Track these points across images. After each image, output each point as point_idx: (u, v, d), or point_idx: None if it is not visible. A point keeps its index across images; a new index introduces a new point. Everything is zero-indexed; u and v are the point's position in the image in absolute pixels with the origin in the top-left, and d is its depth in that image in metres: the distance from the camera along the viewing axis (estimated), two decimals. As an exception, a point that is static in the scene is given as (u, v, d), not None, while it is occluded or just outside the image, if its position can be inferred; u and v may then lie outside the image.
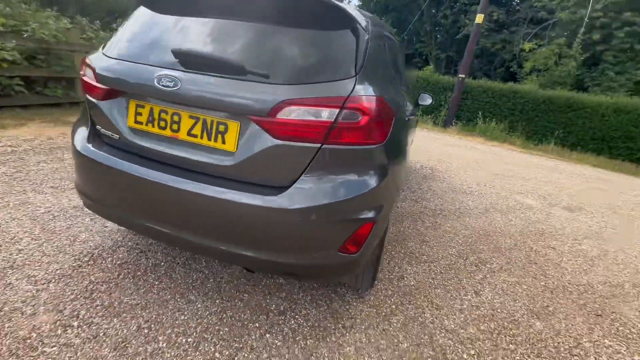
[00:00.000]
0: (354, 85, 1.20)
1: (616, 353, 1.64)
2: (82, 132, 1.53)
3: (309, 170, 1.19)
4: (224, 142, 1.24)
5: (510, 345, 1.60)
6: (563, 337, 1.70)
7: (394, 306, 1.73)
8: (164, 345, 1.32)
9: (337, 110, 1.15)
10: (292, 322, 1.53)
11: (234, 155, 1.23)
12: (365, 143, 1.23)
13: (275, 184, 1.23)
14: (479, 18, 9.32)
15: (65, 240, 1.86)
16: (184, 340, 1.35)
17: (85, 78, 1.47)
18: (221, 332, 1.41)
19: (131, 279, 1.64)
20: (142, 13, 1.50)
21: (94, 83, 1.41)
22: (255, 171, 1.23)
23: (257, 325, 1.48)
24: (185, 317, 1.46)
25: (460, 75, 9.89)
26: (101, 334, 1.32)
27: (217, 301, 1.58)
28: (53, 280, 1.56)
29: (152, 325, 1.39)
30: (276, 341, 1.41)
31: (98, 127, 1.47)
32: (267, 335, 1.43)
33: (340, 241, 1.25)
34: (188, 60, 1.26)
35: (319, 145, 1.17)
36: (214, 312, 1.51)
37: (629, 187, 5.51)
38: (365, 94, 1.21)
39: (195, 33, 1.36)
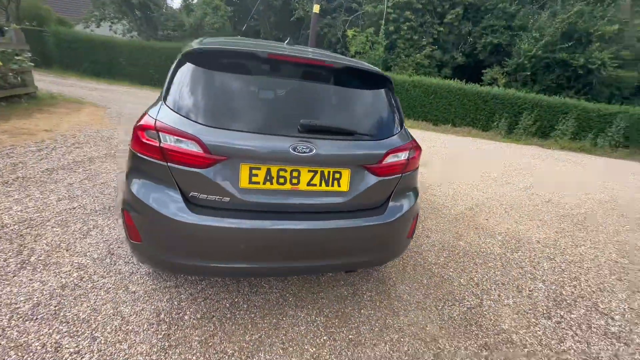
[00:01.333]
0: (406, 132, 1.85)
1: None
2: (170, 199, 1.48)
3: (394, 192, 1.79)
4: (339, 186, 1.64)
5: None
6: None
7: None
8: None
9: (408, 151, 1.78)
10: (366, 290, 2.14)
11: (347, 193, 1.66)
12: (416, 168, 1.91)
13: (374, 206, 1.76)
14: (316, 8, 10.66)
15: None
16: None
17: (174, 147, 1.43)
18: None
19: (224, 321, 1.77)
20: (220, 77, 1.55)
21: (200, 153, 1.42)
22: (362, 202, 1.72)
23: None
24: (301, 327, 1.81)
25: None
26: None
27: (308, 306, 1.96)
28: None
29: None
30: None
31: (195, 193, 1.49)
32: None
33: (409, 231, 1.94)
34: (312, 129, 1.53)
35: (400, 175, 1.77)
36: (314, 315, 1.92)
37: (434, 139, 8.35)
38: (413, 137, 1.88)
39: (289, 99, 1.59)
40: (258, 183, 1.53)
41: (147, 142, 1.48)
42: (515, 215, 3.79)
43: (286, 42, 1.95)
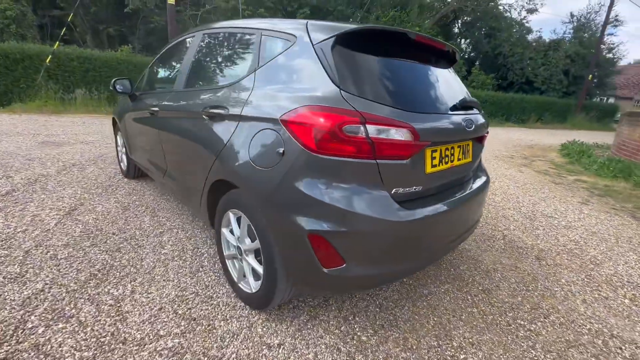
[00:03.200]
0: None
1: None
2: (382, 201, 1.26)
3: (480, 159, 2.08)
4: (468, 157, 1.78)
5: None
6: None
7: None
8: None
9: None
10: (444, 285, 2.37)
11: (472, 162, 1.83)
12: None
13: (478, 172, 2.00)
14: (171, -1, 9.36)
15: None
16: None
17: (386, 138, 1.22)
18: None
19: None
20: (375, 59, 1.37)
21: (411, 142, 1.27)
22: (476, 169, 1.93)
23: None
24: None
25: (173, 57, 9.79)
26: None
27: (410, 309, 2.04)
28: None
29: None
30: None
31: (397, 188, 1.32)
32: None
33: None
34: (464, 105, 1.59)
35: (484, 144, 2.07)
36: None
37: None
38: None
39: (433, 79, 1.59)
40: (436, 166, 1.49)
41: (349, 138, 1.20)
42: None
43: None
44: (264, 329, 1.54)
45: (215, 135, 1.64)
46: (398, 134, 1.25)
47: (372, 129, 1.21)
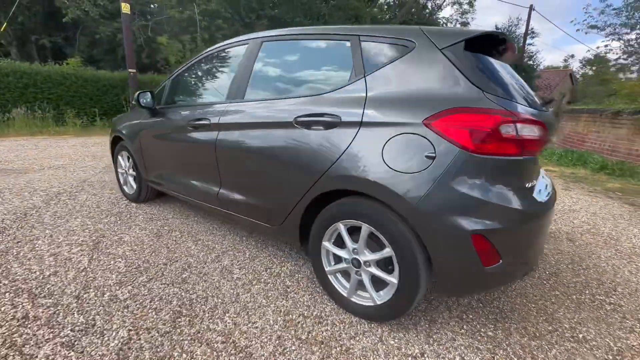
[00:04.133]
0: None
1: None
2: (524, 194, 1.32)
3: None
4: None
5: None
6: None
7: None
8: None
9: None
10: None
11: None
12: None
13: None
14: (125, 7, 8.67)
15: None
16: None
17: (530, 136, 1.28)
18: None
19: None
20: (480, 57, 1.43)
21: (543, 137, 1.34)
22: None
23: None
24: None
25: (130, 70, 9.04)
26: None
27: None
28: None
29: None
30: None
31: (529, 182, 1.39)
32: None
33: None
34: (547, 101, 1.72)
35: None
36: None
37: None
38: None
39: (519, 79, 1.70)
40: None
41: (504, 137, 1.23)
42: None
43: None
44: (395, 340, 1.49)
45: (321, 144, 1.56)
46: (536, 131, 1.33)
47: (520, 127, 1.26)
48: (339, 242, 1.66)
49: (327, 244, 1.67)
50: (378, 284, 1.55)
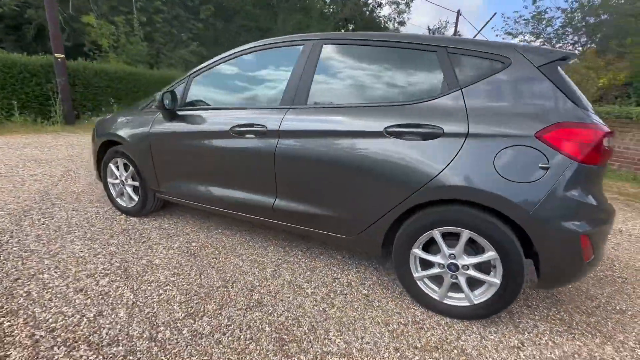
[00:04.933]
0: None
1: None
2: (604, 196, 1.55)
3: None
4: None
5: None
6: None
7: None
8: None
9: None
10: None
11: None
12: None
13: None
14: (47, -21, 7.23)
15: None
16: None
17: (609, 146, 1.48)
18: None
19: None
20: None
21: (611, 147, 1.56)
22: None
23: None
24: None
25: (57, 55, 7.63)
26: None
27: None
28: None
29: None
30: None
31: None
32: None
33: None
34: None
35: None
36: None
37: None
38: None
39: None
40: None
41: (604, 148, 1.42)
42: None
43: None
44: (493, 334, 1.62)
45: (420, 155, 1.58)
46: (611, 141, 1.55)
47: (610, 139, 1.47)
48: (427, 248, 1.72)
49: (417, 251, 1.71)
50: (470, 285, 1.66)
